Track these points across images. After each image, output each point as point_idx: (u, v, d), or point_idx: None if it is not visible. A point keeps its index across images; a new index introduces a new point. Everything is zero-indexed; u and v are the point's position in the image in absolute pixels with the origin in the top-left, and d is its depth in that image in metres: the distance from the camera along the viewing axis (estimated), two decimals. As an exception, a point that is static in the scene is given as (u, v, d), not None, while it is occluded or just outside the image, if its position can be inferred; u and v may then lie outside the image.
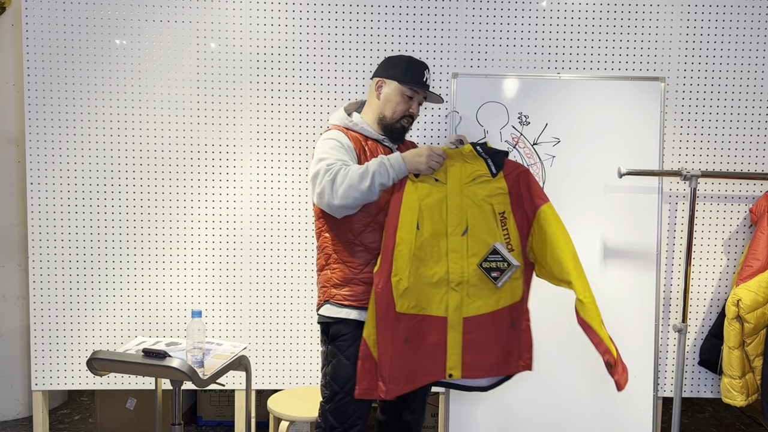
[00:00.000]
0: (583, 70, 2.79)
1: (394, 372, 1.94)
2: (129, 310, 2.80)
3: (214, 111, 2.75)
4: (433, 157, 1.95)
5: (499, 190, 2.00)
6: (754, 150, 2.82)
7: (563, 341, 2.73)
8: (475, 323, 2.00)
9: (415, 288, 1.94)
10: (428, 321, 1.97)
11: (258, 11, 2.73)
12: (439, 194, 1.96)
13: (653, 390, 2.76)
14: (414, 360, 1.97)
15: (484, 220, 1.99)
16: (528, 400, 2.74)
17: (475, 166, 2.00)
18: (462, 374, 2.00)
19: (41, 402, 2.81)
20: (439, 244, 1.96)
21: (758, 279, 2.63)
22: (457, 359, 1.99)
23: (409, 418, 2.22)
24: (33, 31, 2.69)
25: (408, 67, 2.11)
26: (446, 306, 1.97)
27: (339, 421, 2.05)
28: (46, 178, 2.74)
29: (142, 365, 2.08)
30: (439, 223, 1.96)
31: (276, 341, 2.83)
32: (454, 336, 1.98)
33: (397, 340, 1.93)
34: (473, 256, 1.97)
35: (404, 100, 2.11)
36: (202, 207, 2.78)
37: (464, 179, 1.99)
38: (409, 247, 1.91)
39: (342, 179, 1.93)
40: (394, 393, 1.96)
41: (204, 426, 3.34)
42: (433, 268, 1.96)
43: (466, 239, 1.97)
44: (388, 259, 1.90)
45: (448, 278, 1.97)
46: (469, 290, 1.99)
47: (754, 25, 2.78)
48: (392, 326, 1.92)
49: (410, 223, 1.91)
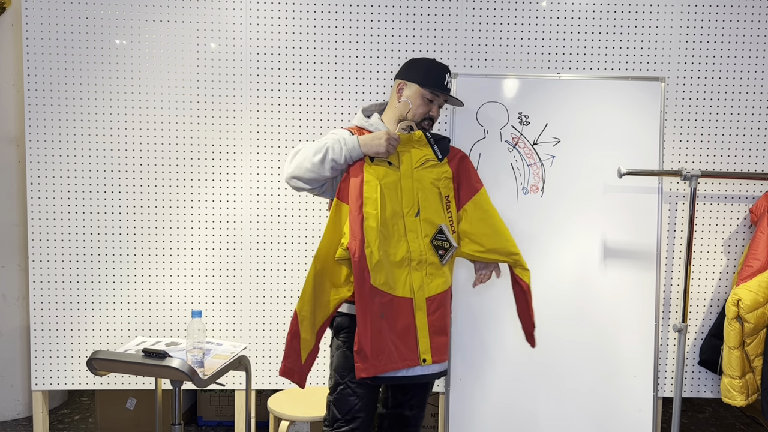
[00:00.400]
0: (583, 70, 2.79)
1: (376, 347, 1.94)
2: (129, 310, 2.80)
3: (214, 111, 2.75)
4: (392, 141, 2.02)
5: (444, 174, 2.11)
6: (754, 150, 2.82)
7: (563, 341, 2.73)
8: (435, 303, 2.05)
9: (384, 265, 1.99)
10: (397, 302, 2.00)
11: (258, 11, 2.73)
12: (394, 177, 2.05)
13: (653, 390, 2.76)
14: (390, 340, 1.99)
15: (433, 202, 2.08)
16: (528, 400, 2.74)
17: (424, 151, 2.10)
18: (432, 358, 2.03)
19: (41, 402, 2.81)
20: (398, 224, 2.04)
21: (758, 279, 2.63)
22: (427, 343, 2.03)
23: (409, 414, 2.24)
24: (33, 31, 2.69)
25: (429, 70, 2.15)
26: (410, 286, 2.03)
27: (341, 412, 2.09)
28: (46, 178, 2.74)
29: (142, 365, 2.08)
30: (396, 204, 2.04)
31: (276, 341, 2.83)
32: (421, 317, 2.03)
33: (375, 315, 1.95)
34: (426, 237, 2.06)
35: (425, 102, 2.14)
36: (202, 207, 2.78)
37: (414, 163, 2.08)
38: (376, 222, 1.97)
39: (302, 152, 2.02)
40: (375, 371, 1.95)
41: (204, 426, 3.34)
42: (395, 247, 2.02)
43: (419, 220, 2.06)
44: (358, 231, 1.95)
45: (409, 257, 2.03)
46: (428, 269, 2.05)
47: (754, 25, 2.78)
48: (369, 298, 1.94)
49: (374, 200, 1.99)
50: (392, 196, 2.03)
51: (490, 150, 2.73)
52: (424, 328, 2.03)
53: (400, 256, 2.02)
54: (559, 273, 2.73)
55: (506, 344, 2.73)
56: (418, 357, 2.02)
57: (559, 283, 2.72)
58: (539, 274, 2.72)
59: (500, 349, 2.74)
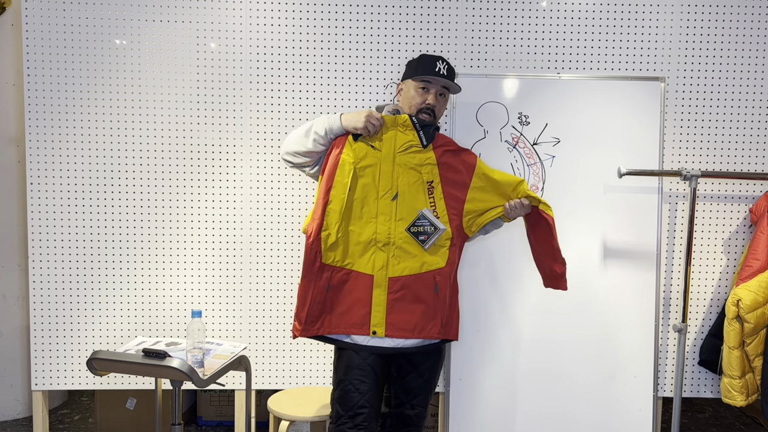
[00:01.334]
0: (583, 70, 2.79)
1: (310, 315, 2.12)
2: (129, 310, 2.80)
3: (214, 111, 2.75)
4: (371, 119, 2.07)
5: (428, 161, 2.13)
6: (754, 150, 2.82)
7: (563, 341, 2.73)
8: (399, 284, 2.11)
9: (344, 243, 2.10)
10: (354, 276, 2.11)
11: (258, 11, 2.73)
12: (374, 159, 2.11)
13: (653, 390, 2.76)
14: (333, 308, 2.13)
15: (414, 187, 2.12)
16: (528, 400, 2.74)
17: (409, 136, 2.13)
18: (386, 333, 2.11)
19: (41, 402, 2.81)
20: (369, 205, 2.11)
21: (758, 279, 2.63)
22: (381, 317, 2.10)
23: (411, 413, 2.25)
24: (33, 31, 2.69)
25: (420, 62, 2.19)
26: (373, 264, 2.11)
27: (344, 408, 2.12)
28: (46, 178, 2.74)
29: (142, 365, 2.08)
30: (371, 186, 2.11)
31: (276, 341, 2.83)
32: (379, 294, 2.10)
33: (319, 288, 2.11)
34: (401, 220, 2.11)
35: (419, 93, 2.17)
36: (202, 207, 2.78)
37: (398, 148, 2.12)
38: (341, 206, 2.08)
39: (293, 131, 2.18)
40: (308, 333, 2.13)
41: (204, 426, 3.34)
42: (363, 227, 2.11)
43: (396, 204, 2.11)
44: (319, 214, 2.09)
45: (375, 238, 2.10)
46: (395, 252, 2.11)
47: (754, 25, 2.78)
48: (316, 275, 2.11)
49: (343, 184, 2.08)
50: (367, 179, 2.10)
51: (490, 150, 2.73)
52: (381, 304, 2.10)
53: (366, 237, 2.10)
54: (559, 273, 2.72)
55: (506, 344, 2.73)
56: (369, 328, 2.11)
57: (559, 283, 2.72)
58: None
59: (500, 349, 2.74)
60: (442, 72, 2.16)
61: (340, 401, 2.13)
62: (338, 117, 2.11)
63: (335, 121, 2.10)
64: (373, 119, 2.07)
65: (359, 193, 2.10)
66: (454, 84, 2.20)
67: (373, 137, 2.11)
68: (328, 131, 2.11)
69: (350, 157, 2.09)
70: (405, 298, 2.11)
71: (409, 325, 2.12)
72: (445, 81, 2.17)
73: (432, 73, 2.15)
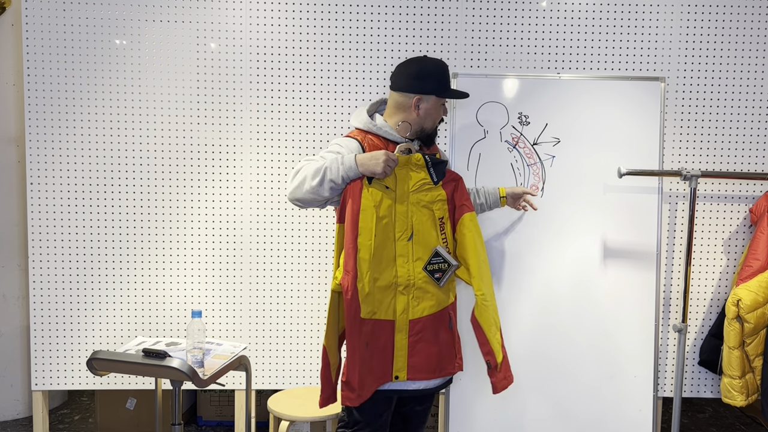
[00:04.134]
0: (583, 70, 2.79)
1: (362, 378, 2.01)
2: (129, 310, 2.80)
3: (214, 111, 2.75)
4: (389, 162, 1.99)
5: (439, 197, 2.09)
6: (754, 150, 2.82)
7: (562, 341, 2.73)
8: (420, 325, 2.06)
9: (373, 293, 2.01)
10: (379, 325, 2.03)
11: (258, 11, 2.73)
12: (389, 201, 2.03)
13: (653, 390, 2.76)
14: (371, 364, 2.03)
15: (427, 225, 2.07)
16: (528, 400, 2.74)
17: (422, 174, 2.07)
18: (407, 376, 2.06)
19: (41, 402, 2.81)
20: (388, 248, 2.03)
21: (758, 279, 2.63)
22: (403, 361, 2.05)
23: (413, 413, 2.26)
24: (33, 31, 2.69)
25: (441, 78, 2.13)
26: (394, 309, 2.04)
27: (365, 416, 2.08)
28: (46, 178, 2.74)
29: (142, 365, 2.08)
30: (389, 228, 2.04)
31: (276, 341, 2.83)
32: (401, 338, 2.04)
33: (362, 345, 2.01)
34: (418, 260, 2.05)
35: (442, 110, 2.17)
36: (202, 207, 2.78)
37: (411, 187, 2.06)
38: (369, 253, 1.99)
39: (302, 172, 2.00)
40: (361, 399, 2.01)
41: (204, 426, 3.34)
42: (383, 272, 2.02)
43: (412, 244, 2.05)
44: (352, 265, 1.99)
45: (396, 282, 2.04)
46: (415, 293, 2.05)
47: (754, 25, 2.78)
48: (358, 331, 2.00)
49: (369, 230, 1.99)
50: (385, 221, 2.03)
51: (490, 150, 2.73)
52: (403, 348, 2.05)
53: (387, 281, 2.03)
54: (558, 273, 2.72)
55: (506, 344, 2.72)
56: (391, 374, 2.05)
57: (558, 283, 2.72)
58: (539, 275, 2.73)
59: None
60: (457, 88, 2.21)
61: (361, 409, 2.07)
62: (353, 163, 1.98)
63: (351, 168, 1.98)
64: (390, 162, 1.98)
65: (380, 238, 2.01)
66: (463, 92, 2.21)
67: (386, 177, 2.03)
68: (345, 178, 1.98)
69: (370, 201, 1.99)
70: (424, 339, 2.06)
71: (430, 365, 2.07)
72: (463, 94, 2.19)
73: (458, 94, 2.16)
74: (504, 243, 2.73)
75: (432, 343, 2.07)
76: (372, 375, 2.03)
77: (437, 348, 2.08)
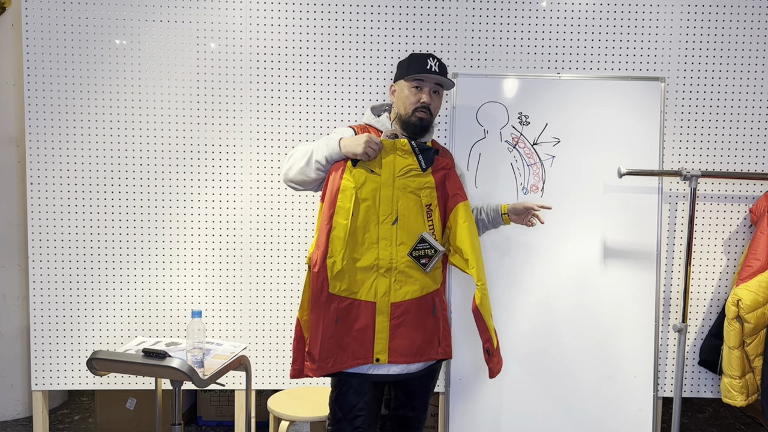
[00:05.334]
0: (583, 70, 2.79)
1: (324, 351, 2.04)
2: (129, 310, 2.80)
3: (214, 111, 2.75)
4: (371, 144, 2.01)
5: (427, 184, 2.11)
6: (754, 150, 2.82)
7: (562, 341, 2.73)
8: (402, 308, 2.09)
9: (348, 271, 2.05)
10: (357, 305, 2.06)
11: (258, 11, 2.73)
12: (374, 184, 2.07)
13: (653, 390, 2.76)
14: (343, 341, 2.06)
15: (413, 211, 2.10)
16: (528, 400, 2.74)
17: (409, 160, 2.09)
18: (388, 359, 2.08)
19: (41, 402, 2.81)
20: (371, 231, 2.07)
21: (758, 279, 2.63)
22: (384, 344, 2.08)
23: (411, 415, 2.25)
24: (33, 31, 2.69)
25: (410, 62, 2.16)
26: (375, 291, 2.07)
27: (343, 411, 2.11)
28: (46, 178, 2.74)
29: (142, 365, 2.08)
30: (372, 211, 2.07)
31: (276, 341, 2.83)
32: (382, 321, 2.07)
33: (329, 320, 2.04)
34: (402, 245, 2.08)
35: (413, 93, 2.14)
36: (202, 207, 2.78)
37: (397, 172, 2.09)
38: (345, 232, 2.02)
39: (294, 154, 2.10)
40: (323, 372, 2.04)
41: (204, 426, 3.34)
42: (364, 254, 2.06)
43: (396, 228, 2.08)
44: (324, 241, 2.03)
45: (377, 264, 2.07)
46: (397, 276, 2.08)
47: (754, 25, 2.78)
48: (324, 306, 2.03)
49: (346, 210, 2.03)
50: (368, 204, 2.06)
51: (490, 150, 2.73)
52: (384, 331, 2.07)
53: (368, 263, 2.06)
54: (558, 273, 2.73)
55: (506, 344, 2.73)
56: (372, 356, 2.07)
57: (558, 283, 2.73)
58: (539, 275, 2.73)
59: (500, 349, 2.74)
60: (434, 69, 2.13)
61: (339, 403, 2.12)
62: (337, 143, 2.05)
63: (334, 147, 2.04)
64: (372, 144, 2.01)
65: (360, 219, 2.05)
66: (448, 80, 2.16)
67: (372, 161, 2.06)
68: (328, 159, 2.05)
69: (351, 182, 2.03)
70: (406, 323, 2.09)
71: (411, 349, 2.10)
72: (438, 77, 2.13)
73: (424, 71, 2.11)
74: (503, 243, 2.73)
75: (414, 327, 2.10)
76: (347, 353, 2.06)
77: (419, 332, 2.11)
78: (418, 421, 2.27)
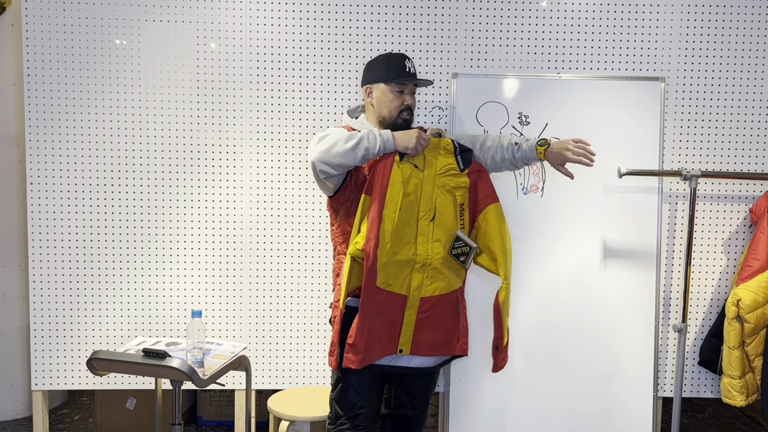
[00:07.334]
0: (583, 70, 2.79)
1: (369, 343, 2.05)
2: (129, 310, 2.80)
3: (214, 111, 2.75)
4: (421, 140, 2.05)
5: (462, 184, 2.14)
6: (754, 150, 2.82)
7: (563, 341, 2.73)
8: (430, 303, 2.10)
9: (389, 265, 2.07)
10: (391, 297, 2.08)
11: (258, 11, 2.73)
12: (416, 180, 2.09)
13: (653, 390, 2.76)
14: (379, 333, 2.08)
15: (449, 209, 2.12)
16: (528, 400, 2.74)
17: (449, 159, 2.13)
18: (411, 351, 2.10)
19: (41, 402, 2.81)
20: (411, 226, 2.09)
21: (758, 279, 2.63)
22: (408, 336, 2.10)
23: (411, 414, 2.26)
24: (33, 31, 2.69)
25: (388, 65, 2.19)
26: (408, 285, 2.09)
27: (343, 409, 2.12)
28: (46, 178, 2.74)
29: (142, 365, 2.08)
30: (413, 205, 2.09)
31: (276, 341, 2.83)
32: (410, 314, 2.09)
33: (373, 312, 2.05)
34: (437, 242, 2.10)
35: (396, 96, 2.18)
36: (202, 207, 2.78)
37: (438, 170, 2.12)
38: (392, 225, 2.04)
39: (331, 137, 2.04)
40: (361, 363, 2.04)
41: (204, 426, 3.34)
42: (402, 248, 2.07)
43: (433, 225, 2.11)
44: (375, 234, 2.03)
45: (414, 259, 2.08)
46: (430, 272, 2.10)
47: (754, 25, 2.78)
48: (372, 299, 2.04)
49: (395, 203, 2.05)
50: (411, 199, 2.08)
51: (490, 150, 2.73)
52: (411, 323, 2.10)
53: (406, 257, 2.07)
54: (559, 273, 2.73)
55: (506, 344, 2.73)
56: (396, 347, 2.10)
57: (558, 283, 2.72)
58: (539, 275, 2.73)
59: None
60: (413, 71, 2.21)
61: (338, 401, 2.13)
62: (391, 136, 2.05)
63: (389, 141, 2.04)
64: (422, 140, 2.05)
65: (404, 213, 2.07)
66: (426, 80, 2.25)
67: (416, 158, 2.09)
68: (381, 149, 2.04)
69: (399, 176, 2.05)
70: (431, 318, 2.11)
71: (433, 343, 2.12)
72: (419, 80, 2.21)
73: (407, 75, 2.18)
74: (504, 243, 2.73)
75: (438, 322, 2.12)
76: (378, 344, 2.07)
77: (442, 327, 2.13)
78: (418, 420, 2.28)
